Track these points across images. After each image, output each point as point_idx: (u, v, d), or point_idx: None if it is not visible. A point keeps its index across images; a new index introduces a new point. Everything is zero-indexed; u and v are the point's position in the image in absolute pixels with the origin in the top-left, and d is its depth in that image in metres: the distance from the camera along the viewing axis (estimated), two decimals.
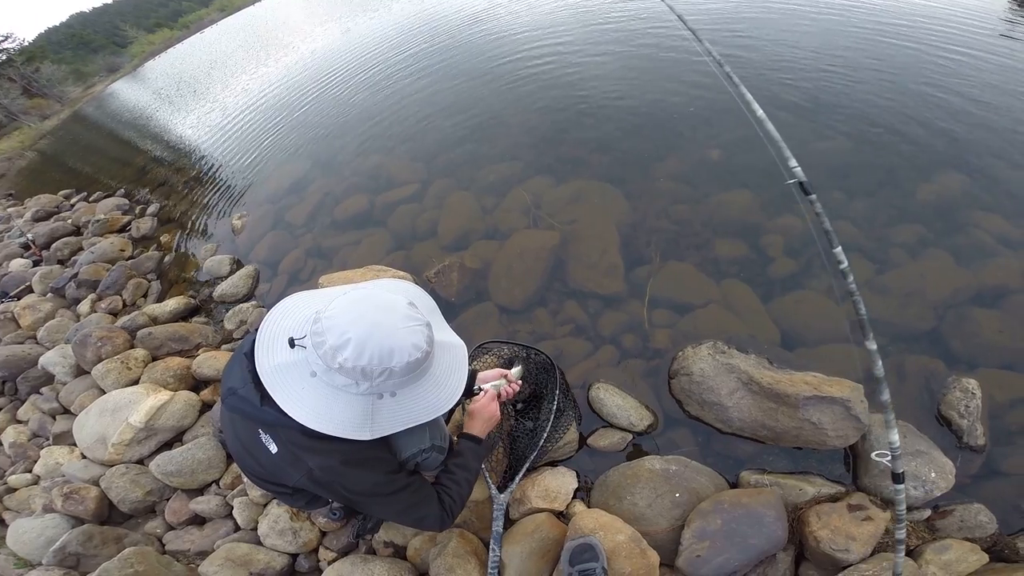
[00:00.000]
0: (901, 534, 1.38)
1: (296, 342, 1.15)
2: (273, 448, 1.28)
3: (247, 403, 1.24)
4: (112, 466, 2.52)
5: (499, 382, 1.90)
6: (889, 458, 1.33)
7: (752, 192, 3.07)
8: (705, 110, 3.90)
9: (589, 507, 1.98)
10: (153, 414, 2.57)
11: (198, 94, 11.04)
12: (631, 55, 5.10)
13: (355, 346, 1.08)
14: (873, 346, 1.33)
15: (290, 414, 1.14)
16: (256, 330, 1.26)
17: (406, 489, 1.37)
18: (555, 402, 2.12)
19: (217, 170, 6.16)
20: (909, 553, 1.77)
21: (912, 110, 3.47)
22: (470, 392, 1.90)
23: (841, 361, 2.24)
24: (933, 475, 1.82)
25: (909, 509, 1.85)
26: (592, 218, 3.18)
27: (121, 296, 4.13)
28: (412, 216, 3.73)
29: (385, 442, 1.44)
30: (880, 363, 1.34)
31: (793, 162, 1.32)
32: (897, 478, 1.34)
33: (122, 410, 2.61)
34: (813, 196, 1.32)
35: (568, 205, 3.34)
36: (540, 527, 1.86)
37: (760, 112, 1.41)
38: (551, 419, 2.07)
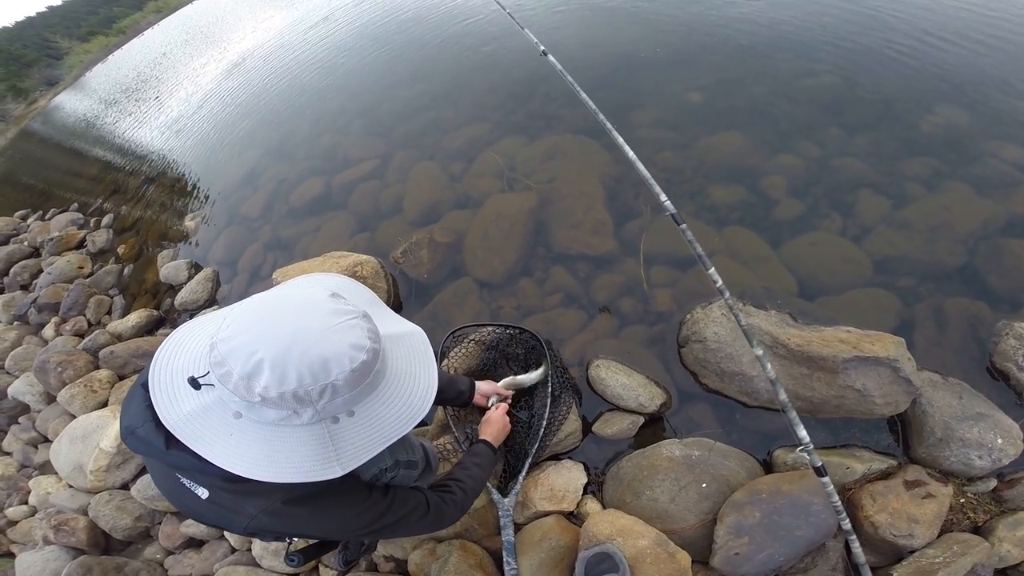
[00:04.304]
0: (847, 524, 1.37)
1: (200, 381, 0.83)
2: (203, 493, 0.99)
3: (150, 447, 0.93)
4: (97, 493, 2.45)
5: (494, 399, 1.79)
6: (808, 453, 1.35)
7: (742, 133, 2.89)
8: (676, 54, 3.69)
9: (603, 504, 1.79)
10: None
11: (144, 97, 10.46)
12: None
13: (272, 367, 0.77)
14: (759, 351, 1.41)
15: (229, 469, 0.84)
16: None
17: (389, 510, 1.10)
18: (549, 386, 1.90)
19: (168, 170, 5.80)
20: (977, 530, 1.58)
21: (898, 44, 3.27)
22: (466, 402, 1.76)
23: (872, 310, 2.03)
24: (1000, 440, 1.58)
25: (971, 480, 1.65)
26: (571, 174, 2.93)
27: (84, 316, 3.95)
28: (373, 194, 3.46)
29: None
30: (769, 366, 1.40)
31: (663, 196, 1.51)
32: (819, 471, 1.35)
33: (91, 436, 2.53)
34: (684, 226, 1.48)
35: (544, 163, 3.07)
36: (549, 534, 1.66)
37: (631, 154, 1.64)
38: (548, 406, 1.85)
